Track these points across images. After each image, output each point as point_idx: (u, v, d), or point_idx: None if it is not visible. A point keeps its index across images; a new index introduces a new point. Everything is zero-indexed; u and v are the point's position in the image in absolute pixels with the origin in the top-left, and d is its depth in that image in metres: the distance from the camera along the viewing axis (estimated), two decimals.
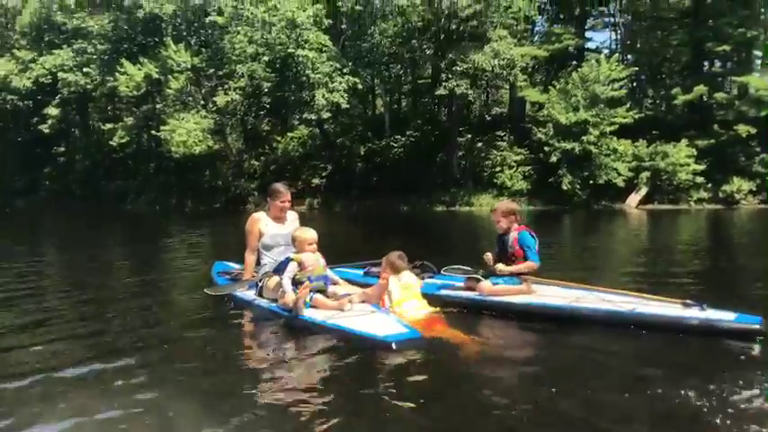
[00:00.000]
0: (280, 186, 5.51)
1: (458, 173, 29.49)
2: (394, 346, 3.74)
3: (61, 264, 10.18)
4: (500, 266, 5.12)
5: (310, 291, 4.52)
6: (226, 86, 29.41)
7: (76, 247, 13.48)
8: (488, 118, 32.56)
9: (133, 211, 33.45)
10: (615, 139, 25.91)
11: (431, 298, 4.95)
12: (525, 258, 5.09)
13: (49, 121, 37.64)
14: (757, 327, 3.95)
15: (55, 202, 38.93)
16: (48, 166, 41.02)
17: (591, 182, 25.75)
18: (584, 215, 22.85)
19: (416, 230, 15.69)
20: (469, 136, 30.44)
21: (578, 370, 3.62)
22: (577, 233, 16.25)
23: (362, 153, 31.26)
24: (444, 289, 5.36)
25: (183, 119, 29.93)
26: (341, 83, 26.36)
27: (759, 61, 28.67)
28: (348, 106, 28.25)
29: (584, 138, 25.18)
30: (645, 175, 25.92)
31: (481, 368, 3.72)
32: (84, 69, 34.66)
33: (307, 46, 26.20)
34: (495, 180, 28.07)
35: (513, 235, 5.20)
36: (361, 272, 5.95)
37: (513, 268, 5.08)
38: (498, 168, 28.27)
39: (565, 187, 25.75)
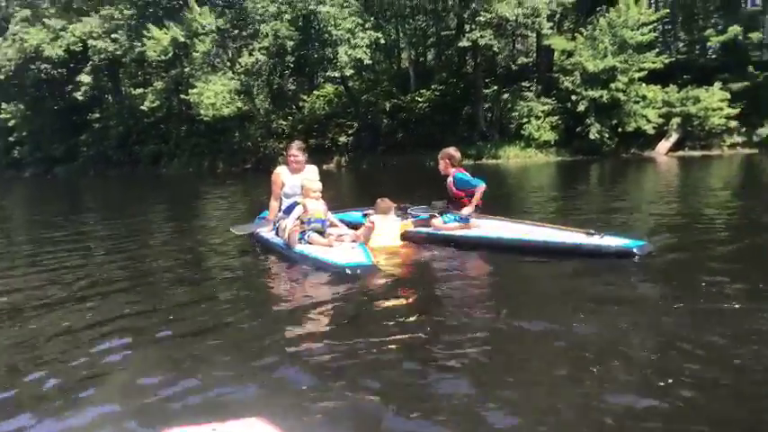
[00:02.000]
0: (292, 144, 6.54)
1: (484, 125, 29.34)
2: (348, 270, 4.76)
3: (105, 224, 10.85)
4: (464, 211, 5.87)
5: (310, 230, 5.54)
6: (250, 47, 29.60)
7: (118, 208, 14.22)
8: (515, 68, 32.07)
9: (167, 173, 34.43)
10: (644, 85, 25.29)
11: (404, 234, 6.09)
12: (471, 195, 5.86)
13: (83, 89, 38.60)
14: (633, 249, 4.80)
15: (92, 168, 40.24)
16: (84, 133, 42.07)
17: (619, 130, 25.36)
18: (612, 164, 22.63)
19: (440, 184, 15.90)
20: (495, 87, 30.11)
21: (500, 290, 4.50)
22: (600, 182, 16.25)
23: (388, 109, 31.27)
24: (417, 227, 6.29)
25: (210, 81, 30.34)
26: (363, 38, 26.27)
27: None
28: (371, 62, 28.16)
29: (612, 85, 24.69)
30: (675, 121, 25.35)
31: (424, 287, 4.63)
32: (113, 36, 35.23)
33: (328, 2, 26.08)
34: (522, 131, 27.82)
35: (449, 180, 6.03)
36: (361, 215, 6.79)
37: (473, 205, 5.85)
38: (525, 119, 27.95)
39: (593, 136, 25.45)
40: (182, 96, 32.96)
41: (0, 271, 5.97)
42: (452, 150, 6.16)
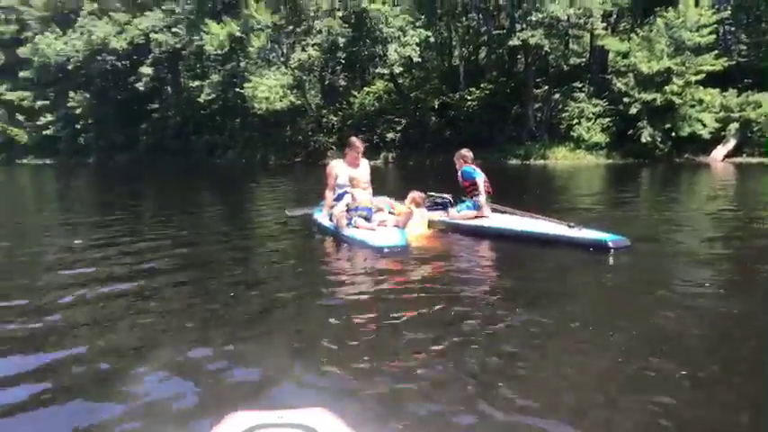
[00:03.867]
0: (355, 140, 7.19)
1: (533, 125, 29.15)
2: (386, 250, 5.59)
3: (162, 208, 11.54)
4: (480, 199, 6.85)
5: (357, 216, 6.36)
6: (304, 43, 30.27)
7: (175, 194, 14.99)
8: (567, 68, 31.64)
9: (221, 164, 35.58)
10: (701, 88, 24.64)
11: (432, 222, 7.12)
12: (474, 185, 6.88)
13: (144, 80, 40.20)
14: (610, 244, 5.40)
15: (151, 156, 41.91)
16: (144, 123, 43.83)
17: (673, 134, 24.75)
18: (664, 169, 22.18)
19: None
20: (546, 87, 29.83)
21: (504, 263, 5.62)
22: (649, 186, 16.07)
23: (436, 106, 31.41)
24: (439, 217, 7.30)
25: (264, 76, 31.19)
26: (413, 36, 26.53)
27: None
28: (420, 59, 28.35)
29: (666, 88, 24.14)
30: (734, 126, 24.57)
31: (443, 265, 5.40)
32: (173, 29, 36.59)
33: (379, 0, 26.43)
34: (572, 133, 27.52)
35: (459, 173, 7.12)
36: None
37: (482, 193, 6.85)
38: (575, 121, 27.65)
39: (644, 140, 24.93)
40: (237, 90, 33.97)
41: (63, 251, 6.57)
42: (465, 151, 7.29)
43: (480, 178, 6.91)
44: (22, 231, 8.55)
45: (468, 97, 30.62)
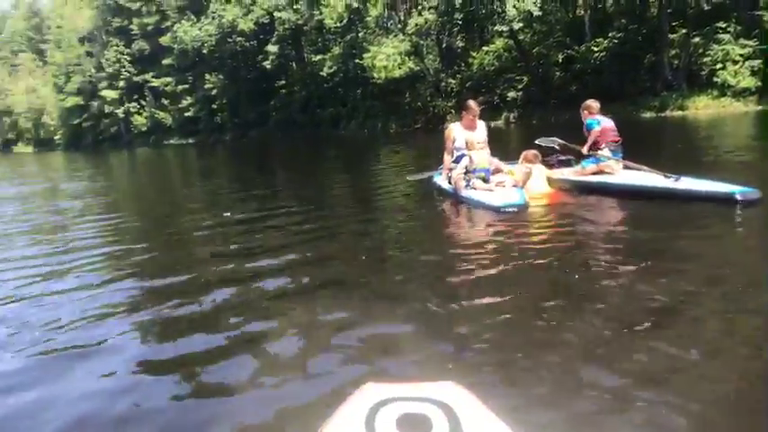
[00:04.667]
0: (471, 103, 7.30)
1: (669, 74, 26.88)
2: (504, 209, 5.68)
3: (295, 179, 12.34)
4: (608, 155, 6.62)
5: (475, 178, 6.56)
6: (420, 7, 30.07)
7: (306, 163, 15.90)
8: (707, 8, 28.62)
9: (346, 134, 36.75)
10: None
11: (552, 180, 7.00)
12: (600, 136, 6.65)
13: (270, 58, 42.24)
14: (738, 196, 5.01)
15: (281, 131, 44.23)
16: (273, 99, 46.19)
17: None
18: None
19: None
20: (684, 31, 27.26)
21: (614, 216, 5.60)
22: None
23: (560, 60, 29.95)
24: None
25: (383, 44, 31.52)
26: None
27: None
28: (541, 13, 27.09)
29: None
30: None
31: (563, 224, 5.41)
32: (295, 6, 37.93)
33: None
34: (716, 79, 25.02)
35: (584, 126, 6.90)
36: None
37: (607, 151, 6.60)
38: (719, 65, 25.09)
39: None
40: (356, 61, 34.62)
41: (216, 223, 7.31)
42: (590, 101, 7.01)
43: (604, 126, 6.69)
44: (178, 204, 9.59)
45: (595, 48, 28.81)
